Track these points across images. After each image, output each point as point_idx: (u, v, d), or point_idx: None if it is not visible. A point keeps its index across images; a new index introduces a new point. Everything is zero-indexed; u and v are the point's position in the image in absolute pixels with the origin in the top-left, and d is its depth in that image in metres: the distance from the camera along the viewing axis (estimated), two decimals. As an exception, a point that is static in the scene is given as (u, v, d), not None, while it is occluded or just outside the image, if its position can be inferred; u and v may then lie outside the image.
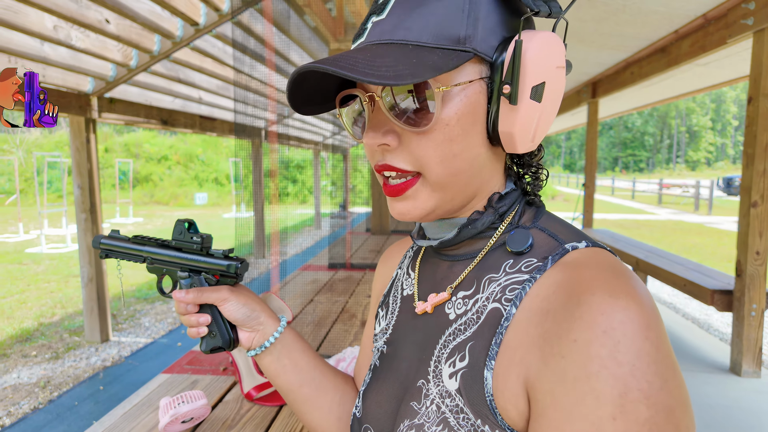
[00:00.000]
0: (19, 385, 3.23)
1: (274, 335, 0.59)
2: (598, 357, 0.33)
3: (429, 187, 0.43)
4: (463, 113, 0.40)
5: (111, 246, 0.65)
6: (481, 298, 0.43)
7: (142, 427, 0.92)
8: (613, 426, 0.32)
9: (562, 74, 0.41)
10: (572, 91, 6.11)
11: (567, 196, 20.14)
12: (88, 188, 3.87)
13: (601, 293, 0.35)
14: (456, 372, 0.41)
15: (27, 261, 7.37)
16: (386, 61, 0.36)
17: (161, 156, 21.61)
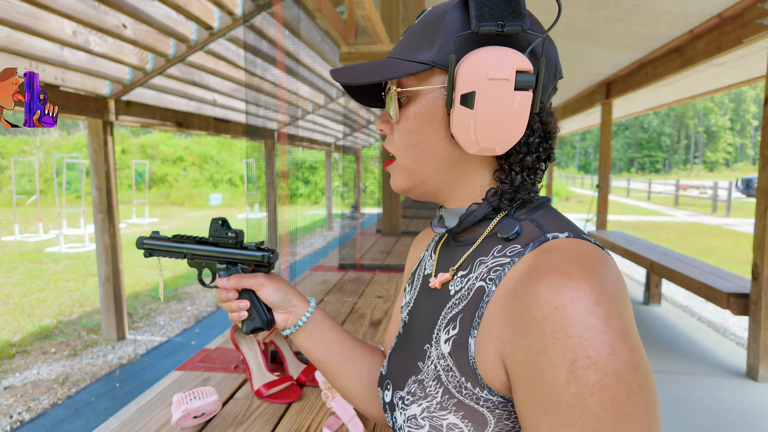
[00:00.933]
0: (38, 381, 3.31)
1: (306, 315, 0.67)
2: (551, 331, 0.38)
3: (399, 169, 0.54)
4: (419, 112, 0.50)
5: (153, 245, 0.71)
6: (472, 277, 0.50)
7: (155, 422, 0.95)
8: (567, 390, 0.37)
9: (499, 86, 0.44)
10: (585, 91, 6.06)
11: (581, 198, 19.92)
12: (105, 189, 3.95)
13: (556, 275, 0.40)
14: (449, 338, 0.49)
15: (46, 260, 7.54)
16: (363, 70, 0.50)
17: (177, 157, 21.89)
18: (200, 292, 5.85)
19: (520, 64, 0.44)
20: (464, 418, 0.45)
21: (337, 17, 2.18)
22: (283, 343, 1.20)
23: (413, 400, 0.50)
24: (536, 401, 0.39)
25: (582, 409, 0.37)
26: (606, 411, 0.36)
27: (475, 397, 0.45)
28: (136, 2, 2.83)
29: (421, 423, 0.48)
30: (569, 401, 0.37)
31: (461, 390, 0.46)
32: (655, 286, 4.41)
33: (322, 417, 0.99)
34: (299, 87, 5.71)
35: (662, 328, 3.80)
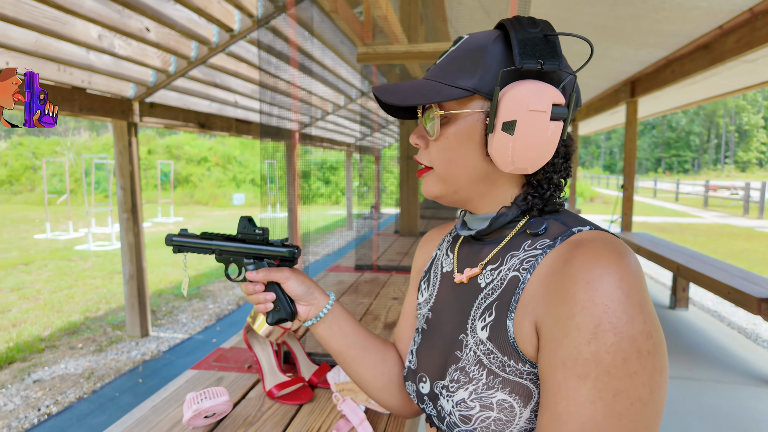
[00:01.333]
0: (66, 375, 3.41)
1: (326, 307, 0.72)
2: (581, 300, 0.45)
3: (435, 178, 0.60)
4: (459, 132, 0.56)
5: (182, 242, 0.75)
6: (504, 269, 0.57)
7: (168, 420, 0.96)
8: (587, 348, 0.44)
9: (538, 117, 0.51)
10: (610, 90, 5.93)
11: (606, 198, 19.50)
12: (130, 189, 4.05)
13: (588, 256, 0.47)
14: (486, 325, 0.55)
15: (75, 258, 7.77)
16: (407, 90, 0.56)
17: (201, 158, 22.30)
18: (222, 290, 5.94)
19: (556, 98, 0.51)
20: (511, 393, 0.51)
21: (354, 18, 2.17)
22: (295, 344, 1.20)
23: (458, 386, 0.55)
24: (556, 357, 0.46)
25: (597, 364, 0.44)
26: (616, 368, 0.43)
27: (518, 372, 0.51)
28: (159, 6, 2.88)
29: (471, 405, 0.53)
30: (587, 357, 0.44)
31: (505, 368, 0.52)
32: (683, 290, 4.28)
33: (332, 419, 0.99)
34: (319, 88, 5.74)
35: (689, 334, 3.69)
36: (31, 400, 3.03)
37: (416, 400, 0.64)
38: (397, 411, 0.76)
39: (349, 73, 5.28)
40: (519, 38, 0.52)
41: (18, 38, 2.71)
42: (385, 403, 0.75)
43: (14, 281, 6.22)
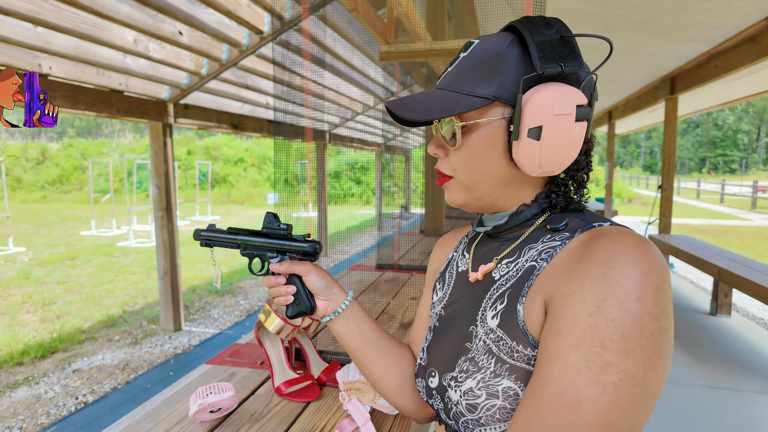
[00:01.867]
0: (102, 366, 3.56)
1: (344, 303, 0.73)
2: (593, 276, 0.45)
3: (458, 186, 0.60)
4: (483, 140, 0.56)
5: (209, 236, 0.78)
6: (521, 261, 0.57)
7: (177, 414, 0.98)
8: (587, 320, 0.43)
9: (565, 120, 0.52)
10: (648, 87, 5.70)
11: (645, 199, 18.77)
12: (165, 188, 4.19)
13: (608, 239, 0.47)
14: (497, 313, 0.55)
15: (117, 254, 8.11)
16: (425, 103, 0.56)
17: (238, 158, 22.87)
18: (253, 287, 6.07)
19: (579, 99, 0.52)
20: (517, 380, 0.50)
21: (376, 17, 2.17)
22: (306, 342, 1.21)
23: (467, 376, 0.55)
24: (554, 328, 0.45)
25: (593, 335, 0.42)
26: (612, 341, 0.42)
27: (526, 358, 0.50)
28: (191, 9, 2.97)
29: (478, 393, 0.52)
30: (584, 328, 0.43)
31: (513, 354, 0.51)
32: (725, 295, 4.07)
33: (338, 418, 0.98)
34: (348, 89, 5.77)
35: (731, 341, 3.50)
36: (70, 388, 3.19)
37: (425, 397, 0.64)
38: (411, 414, 0.75)
39: (378, 73, 5.29)
40: (536, 41, 0.52)
41: (59, 44, 2.85)
42: (398, 404, 0.75)
43: (61, 275, 6.55)
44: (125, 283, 6.09)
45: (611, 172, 7.96)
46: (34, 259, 7.68)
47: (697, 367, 3.04)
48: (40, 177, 20.81)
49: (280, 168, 1.66)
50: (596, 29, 3.89)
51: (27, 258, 7.76)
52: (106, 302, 5.26)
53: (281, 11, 3.43)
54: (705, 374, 2.94)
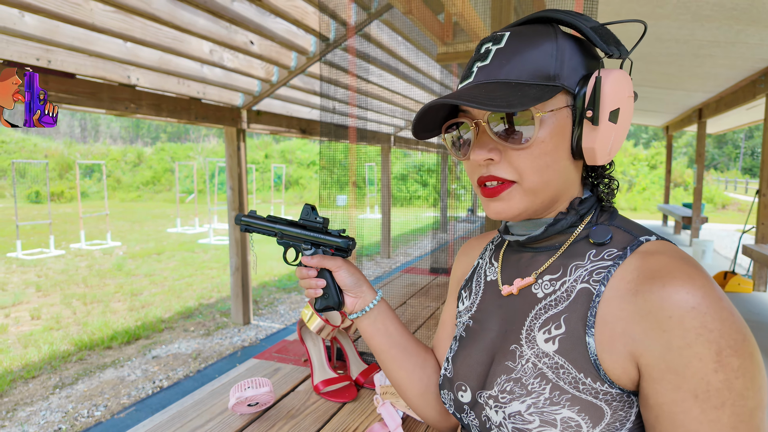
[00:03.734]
0: (178, 354, 3.84)
1: (373, 302, 0.73)
2: (693, 328, 0.44)
3: (522, 192, 0.54)
4: (555, 133, 0.52)
5: (250, 222, 0.80)
6: (569, 280, 0.54)
7: (220, 405, 1.03)
8: (716, 377, 0.43)
9: (631, 102, 0.53)
10: (745, 81, 5.15)
11: (742, 205, 16.96)
12: (238, 189, 4.44)
13: (682, 277, 0.46)
14: (552, 338, 0.52)
15: (198, 250, 8.72)
16: (499, 95, 0.49)
17: (310, 161, 23.75)
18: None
19: (632, 83, 0.53)
20: (580, 412, 0.49)
21: (433, 18, 2.15)
22: (347, 342, 1.22)
23: (512, 398, 0.52)
24: (684, 391, 0.44)
25: (730, 391, 0.43)
26: (748, 389, 0.43)
27: (594, 392, 0.49)
28: (261, 20, 3.12)
29: (529, 419, 0.51)
30: (718, 387, 0.43)
31: (578, 386, 0.49)
32: (835, 316, 3.56)
33: (371, 421, 0.98)
34: (414, 92, 5.78)
35: (841, 370, 3.06)
36: (149, 373, 3.47)
37: (453, 409, 0.62)
38: (433, 422, 0.74)
39: (443, 75, 5.25)
40: (590, 27, 0.51)
41: (145, 57, 3.12)
42: (421, 411, 0.73)
43: (148, 268, 7.15)
44: (203, 278, 6.52)
45: (701, 175, 7.29)
46: (127, 252, 8.46)
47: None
48: (136, 178, 22.93)
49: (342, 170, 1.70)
50: (683, 20, 3.59)
51: (121, 252, 8.56)
52: (185, 295, 5.66)
53: (346, 18, 3.52)
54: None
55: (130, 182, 22.79)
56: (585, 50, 0.53)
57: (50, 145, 24.31)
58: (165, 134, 40.11)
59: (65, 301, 5.36)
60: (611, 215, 0.58)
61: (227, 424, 0.96)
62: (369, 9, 3.46)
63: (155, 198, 21.45)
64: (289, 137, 27.07)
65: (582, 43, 0.53)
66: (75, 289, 5.87)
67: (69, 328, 4.44)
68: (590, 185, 0.59)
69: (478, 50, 0.55)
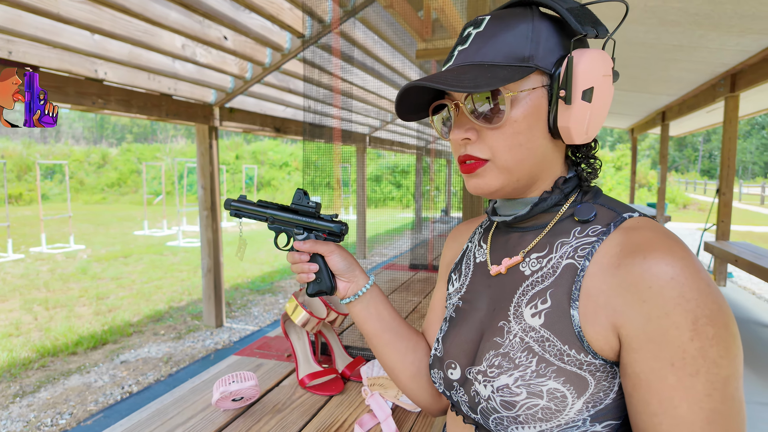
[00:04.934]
0: (148, 358, 3.71)
1: (365, 287, 0.73)
2: (671, 298, 0.45)
3: (496, 169, 0.56)
4: (528, 112, 0.53)
5: (240, 207, 0.78)
6: (555, 257, 0.55)
7: (202, 402, 0.99)
8: (691, 345, 0.45)
9: (608, 81, 0.53)
10: (705, 85, 5.37)
11: (702, 205, 17.71)
12: (210, 188, 4.33)
13: (662, 250, 0.47)
14: (539, 312, 0.53)
15: (167, 253, 8.48)
16: (468, 77, 0.51)
17: (282, 162, 23.47)
18: (294, 286, 6.17)
19: (611, 62, 0.53)
20: (566, 383, 0.50)
21: (413, 13, 2.15)
22: (332, 336, 1.20)
23: (500, 372, 0.53)
24: (662, 359, 0.46)
25: (704, 359, 0.44)
26: (722, 357, 0.45)
27: (578, 363, 0.50)
28: (235, 15, 3.06)
29: (516, 391, 0.52)
30: (694, 354, 0.45)
31: (563, 357, 0.50)
32: (791, 308, 3.75)
33: (359, 413, 0.97)
34: (389, 91, 5.79)
35: (797, 359, 3.22)
36: (117, 378, 3.34)
37: (443, 387, 0.63)
38: (425, 405, 0.75)
39: (417, 74, 5.28)
40: (566, 8, 0.52)
41: (114, 50, 3.01)
42: (413, 394, 0.74)
43: (114, 272, 6.91)
44: (172, 281, 6.34)
45: (664, 176, 7.56)
46: (92, 256, 8.15)
47: (758, 383, 2.81)
48: (100, 180, 22.15)
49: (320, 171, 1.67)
50: (650, 24, 3.71)
51: (86, 255, 8.24)
52: (154, 298, 5.49)
53: (322, 15, 3.49)
54: (766, 391, 2.71)
55: (94, 184, 22.00)
56: (564, 32, 0.54)
57: (7, 146, 23.23)
58: (131, 134, 38.94)
59: (25, 307, 5.11)
60: (595, 194, 0.59)
61: (210, 420, 0.92)
62: (346, 6, 3.45)
63: (121, 200, 20.78)
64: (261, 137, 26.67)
65: (561, 25, 0.54)
66: (36, 294, 5.62)
67: (30, 335, 4.24)
68: (573, 165, 0.61)
69: (461, 35, 0.57)
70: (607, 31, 0.52)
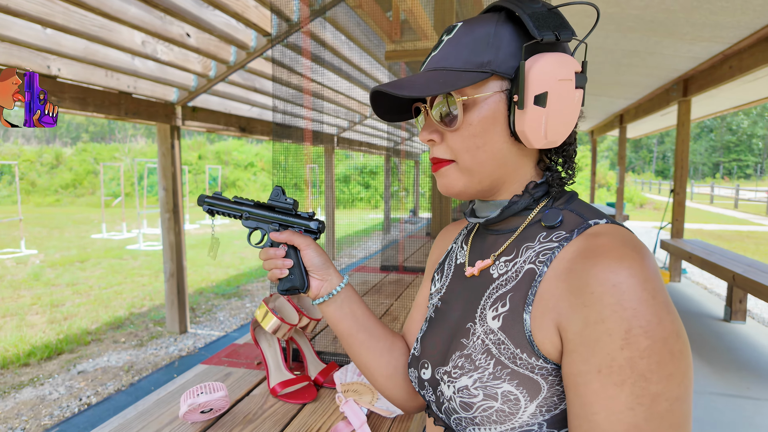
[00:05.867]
0: (107, 367, 3.55)
1: (339, 286, 0.71)
2: (609, 304, 0.44)
3: (458, 170, 0.57)
4: (484, 116, 0.54)
5: (213, 203, 0.76)
6: (519, 261, 0.56)
7: (169, 414, 0.95)
8: (621, 354, 0.43)
9: (567, 86, 0.52)
10: (660, 89, 5.61)
11: (657, 204, 18.52)
12: (172, 190, 4.19)
13: (611, 257, 0.46)
14: (498, 315, 0.54)
15: (126, 257, 8.16)
16: (421, 81, 0.53)
17: (248, 163, 23.03)
18: (260, 290, 6.05)
19: (576, 66, 0.53)
20: (519, 386, 0.50)
21: (382, 15, 2.15)
22: (304, 342, 1.17)
23: (462, 373, 0.54)
24: (590, 364, 0.45)
25: (632, 370, 0.43)
26: (652, 372, 0.43)
27: (530, 366, 0.50)
28: (198, 11, 2.97)
29: (474, 392, 0.52)
30: (622, 364, 0.43)
31: (516, 361, 0.51)
32: (739, 301, 3.96)
33: (333, 420, 0.95)
34: (357, 92, 5.76)
35: (746, 348, 3.40)
36: (74, 390, 3.18)
37: (417, 387, 0.64)
38: (401, 404, 0.74)
39: (386, 76, 5.29)
40: (528, 13, 0.52)
41: (68, 45, 2.87)
42: (389, 393, 0.74)
43: (70, 277, 6.59)
44: (133, 286, 6.11)
45: (622, 176, 7.86)
46: (45, 261, 7.76)
47: (712, 375, 2.95)
48: (54, 181, 21.11)
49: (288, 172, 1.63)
50: (609, 30, 3.84)
51: (38, 260, 7.83)
52: (114, 304, 5.27)
53: (289, 14, 3.44)
54: (720, 382, 2.85)
55: (47, 185, 20.93)
56: (527, 37, 0.54)
57: (-50, 144, 21.83)
58: (87, 134, 37.31)
59: (-29, 316, 4.81)
60: (568, 199, 0.59)
61: (177, 434, 0.88)
62: (314, 5, 3.41)
63: (77, 202, 19.86)
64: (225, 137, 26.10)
65: (526, 31, 0.54)
66: (-17, 303, 5.29)
67: (-23, 346, 3.99)
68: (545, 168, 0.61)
69: (437, 42, 0.59)
70: (571, 35, 0.53)
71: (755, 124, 43.50)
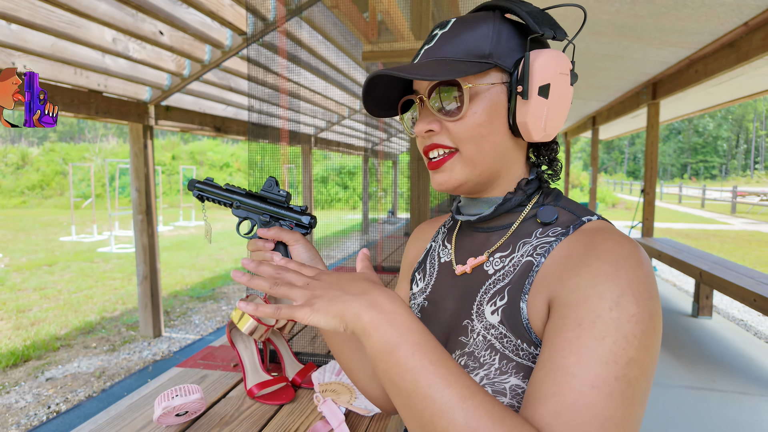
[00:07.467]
0: (78, 373, 3.45)
1: None
2: (604, 273, 0.46)
3: (462, 162, 0.57)
4: (488, 106, 0.55)
5: (204, 189, 0.74)
6: (516, 256, 0.56)
7: (142, 419, 0.93)
8: (608, 314, 0.44)
9: (565, 80, 0.55)
10: (631, 92, 5.77)
11: (628, 204, 19.03)
12: (145, 191, 4.10)
13: (611, 241, 0.49)
14: (497, 309, 0.54)
15: (98, 260, 7.94)
16: (427, 68, 0.53)
17: (223, 163, 22.68)
18: (236, 292, 5.97)
19: (569, 64, 0.56)
20: (524, 378, 0.50)
21: (359, 16, 2.15)
22: (281, 343, 1.17)
23: (467, 371, 0.53)
24: (570, 319, 0.45)
25: (617, 329, 0.43)
26: (635, 337, 0.43)
27: (531, 357, 0.50)
28: (172, 9, 2.91)
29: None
30: (607, 321, 0.43)
31: (519, 352, 0.51)
32: (706, 297, 4.11)
33: (312, 421, 0.94)
34: (334, 92, 5.75)
35: (712, 343, 3.53)
36: (42, 397, 3.08)
37: None
38: (383, 405, 0.74)
39: (363, 76, 5.28)
40: (526, 11, 0.54)
41: (35, 42, 2.78)
42: (372, 394, 0.73)
43: (38, 281, 6.37)
44: (105, 289, 5.95)
45: (595, 177, 8.04)
46: (11, 265, 7.48)
47: (680, 369, 3.05)
48: (19, 182, 20.37)
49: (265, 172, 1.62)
50: (581, 33, 3.93)
51: (2, 264, 7.55)
52: (84, 308, 5.12)
53: (265, 13, 3.40)
54: (688, 375, 2.95)
55: (12, 186, 20.17)
56: (525, 35, 0.56)
57: None
58: (55, 133, 36.12)
59: (-69, 323, 4.60)
60: (556, 196, 0.60)
61: (152, 438, 0.87)
62: (290, 5, 3.38)
63: (44, 204, 19.20)
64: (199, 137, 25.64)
65: (523, 29, 0.57)
66: (-56, 309, 5.07)
67: (-63, 354, 3.82)
68: (534, 166, 0.63)
69: (428, 36, 0.60)
70: (565, 34, 0.56)
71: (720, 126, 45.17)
